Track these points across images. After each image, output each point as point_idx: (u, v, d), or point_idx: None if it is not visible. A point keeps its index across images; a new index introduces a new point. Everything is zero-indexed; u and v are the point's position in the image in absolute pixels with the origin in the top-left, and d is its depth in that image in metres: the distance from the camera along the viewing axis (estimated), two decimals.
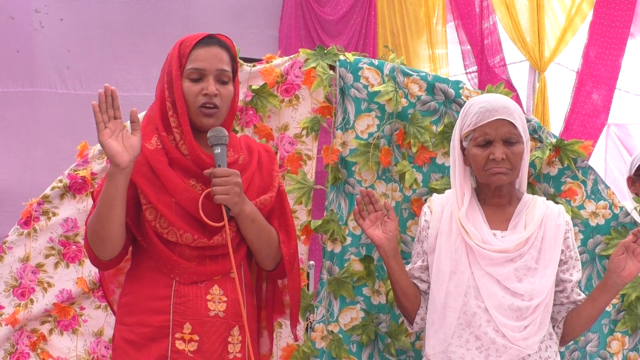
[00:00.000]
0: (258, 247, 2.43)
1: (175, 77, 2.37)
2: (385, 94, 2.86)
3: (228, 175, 2.30)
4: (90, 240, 2.32)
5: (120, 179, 2.22)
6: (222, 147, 2.33)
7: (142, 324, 2.32)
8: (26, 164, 5.34)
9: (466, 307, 2.41)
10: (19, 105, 5.43)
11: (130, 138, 2.23)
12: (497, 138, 2.44)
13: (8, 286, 2.97)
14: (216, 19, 5.47)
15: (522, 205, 2.51)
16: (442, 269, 2.46)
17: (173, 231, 2.32)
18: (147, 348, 2.30)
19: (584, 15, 5.43)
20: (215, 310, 2.34)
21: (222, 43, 2.43)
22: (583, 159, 2.85)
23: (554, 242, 2.45)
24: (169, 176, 2.33)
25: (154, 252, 2.35)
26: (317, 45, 2.99)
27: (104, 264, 2.38)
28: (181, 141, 2.35)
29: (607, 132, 5.76)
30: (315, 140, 2.93)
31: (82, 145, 3.01)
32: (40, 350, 2.95)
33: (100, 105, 2.20)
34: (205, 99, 2.36)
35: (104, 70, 5.50)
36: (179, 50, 2.40)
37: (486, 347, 2.38)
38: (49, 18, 5.53)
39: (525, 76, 5.50)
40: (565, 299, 2.49)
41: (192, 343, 2.31)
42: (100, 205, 2.25)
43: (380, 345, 2.90)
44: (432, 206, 2.58)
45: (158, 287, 2.33)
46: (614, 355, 2.83)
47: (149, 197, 2.32)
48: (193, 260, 2.34)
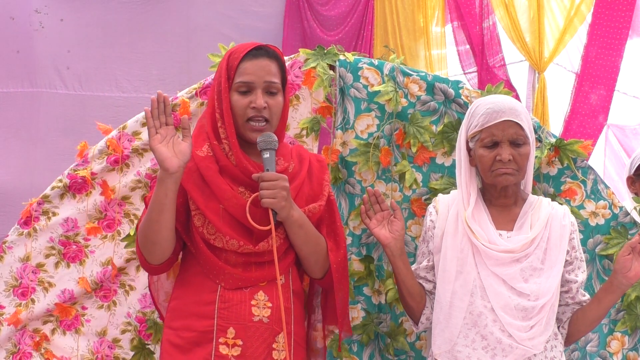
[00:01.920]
0: (306, 254, 2.45)
1: (224, 89, 2.40)
2: (385, 94, 2.86)
3: (276, 180, 2.31)
4: (141, 244, 2.35)
5: (169, 184, 2.25)
6: (270, 151, 2.35)
7: (188, 329, 2.35)
8: (26, 164, 5.33)
9: (472, 307, 2.42)
10: (19, 105, 5.43)
11: (180, 144, 2.27)
12: (504, 139, 2.45)
13: (8, 286, 2.97)
14: (216, 18, 5.47)
15: (528, 206, 2.52)
16: (448, 268, 2.47)
17: (220, 237, 2.35)
18: (192, 352, 2.33)
19: (582, 17, 5.43)
20: (260, 315, 2.35)
21: (271, 53, 2.44)
22: (583, 158, 2.85)
23: (560, 242, 2.46)
24: (218, 183, 2.36)
25: (201, 257, 2.37)
26: (317, 45, 2.99)
27: (153, 268, 2.41)
28: (230, 152, 2.38)
29: (606, 132, 5.77)
30: (316, 140, 2.93)
31: (82, 145, 3.00)
32: (44, 350, 2.95)
33: (153, 111, 2.25)
34: (253, 112, 2.39)
35: (104, 71, 5.50)
36: (227, 62, 2.43)
37: (492, 347, 2.39)
38: (49, 18, 5.53)
39: (524, 76, 5.49)
40: (571, 299, 2.50)
41: (235, 348, 2.32)
42: (150, 210, 2.28)
43: (381, 344, 2.90)
44: (438, 206, 2.59)
45: (204, 292, 2.36)
46: (614, 355, 2.83)
47: (198, 203, 2.35)
48: (239, 266, 2.37)
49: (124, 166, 2.94)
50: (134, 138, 2.94)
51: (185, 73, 5.21)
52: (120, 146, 2.94)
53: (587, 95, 5.43)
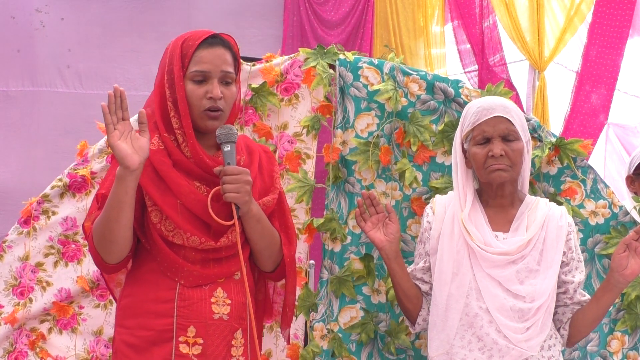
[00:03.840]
0: (261, 247, 2.40)
1: (178, 77, 2.31)
2: (385, 92, 2.86)
3: (238, 174, 2.25)
4: (97, 244, 2.25)
5: (130, 181, 2.16)
6: (231, 144, 2.29)
7: (144, 327, 2.27)
8: (26, 163, 5.34)
9: (468, 309, 2.41)
10: (19, 104, 5.43)
11: (139, 139, 2.18)
12: (495, 135, 2.45)
13: (7, 285, 2.97)
14: (216, 18, 5.47)
15: (525, 207, 2.51)
16: (444, 270, 2.46)
17: (179, 234, 2.28)
18: (148, 352, 2.26)
19: (582, 16, 5.43)
20: (220, 313, 2.30)
21: (226, 43, 2.37)
22: (583, 158, 2.85)
23: (556, 243, 2.45)
24: (174, 178, 2.28)
25: (157, 254, 2.30)
26: (317, 45, 2.99)
27: (110, 267, 2.32)
28: (184, 143, 2.30)
29: (607, 132, 5.76)
30: (315, 139, 2.93)
31: (82, 144, 3.00)
32: (39, 349, 2.95)
33: (110, 107, 2.16)
34: (210, 103, 2.30)
35: (104, 70, 5.50)
36: (181, 49, 2.34)
37: (489, 348, 2.38)
38: (49, 17, 5.53)
39: (525, 75, 5.50)
40: (569, 300, 2.49)
41: (196, 346, 2.27)
42: (109, 208, 2.19)
43: (380, 344, 2.90)
44: (435, 207, 2.58)
45: (160, 289, 2.29)
46: (614, 355, 2.83)
47: (155, 199, 2.27)
48: (197, 263, 2.30)
49: None
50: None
51: None
52: None
53: (587, 94, 5.43)
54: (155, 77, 2.42)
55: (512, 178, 2.48)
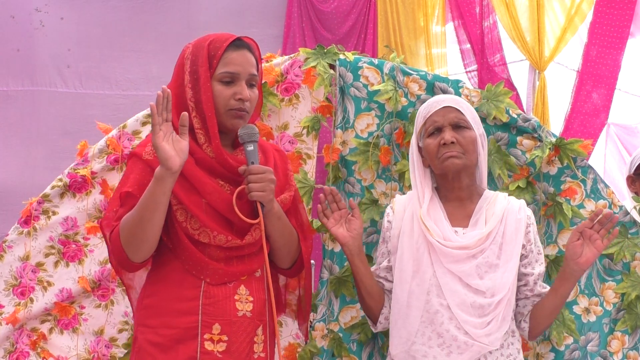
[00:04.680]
0: (281, 244, 2.44)
1: (205, 78, 2.34)
2: (385, 93, 2.86)
3: (263, 172, 2.30)
4: (126, 243, 2.25)
5: (169, 183, 2.19)
6: (254, 144, 2.33)
7: (168, 326, 2.30)
8: (26, 163, 5.34)
9: (429, 305, 2.41)
10: (19, 104, 5.43)
11: (180, 142, 2.20)
12: (446, 123, 2.49)
13: (8, 285, 2.97)
14: (217, 17, 5.47)
15: (483, 201, 2.51)
16: (404, 268, 2.46)
17: (205, 232, 2.31)
18: (173, 350, 2.28)
19: (583, 15, 5.43)
20: (243, 310, 2.33)
21: (250, 46, 2.43)
22: (583, 158, 2.85)
23: (515, 236, 2.45)
24: (199, 177, 2.31)
25: (182, 253, 2.32)
26: (317, 45, 2.99)
27: (134, 266, 2.33)
28: (205, 143, 2.33)
29: (607, 131, 5.76)
30: (315, 140, 2.93)
31: (82, 144, 3.01)
32: (41, 349, 2.95)
33: (158, 107, 2.18)
34: (238, 104, 2.35)
35: (104, 69, 5.50)
36: (207, 51, 2.37)
37: (448, 344, 2.38)
38: (49, 17, 5.53)
39: (525, 75, 5.49)
40: (530, 292, 2.49)
41: (220, 344, 2.30)
42: (143, 208, 2.20)
43: (380, 343, 2.90)
44: (395, 207, 2.59)
45: (185, 288, 2.32)
46: (614, 354, 2.83)
47: (181, 198, 2.30)
48: (221, 261, 2.34)
49: (124, 165, 2.94)
50: (134, 137, 2.94)
51: None
52: (120, 145, 2.94)
53: (587, 94, 5.42)
54: (171, 80, 2.44)
55: (466, 166, 2.49)
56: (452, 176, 2.50)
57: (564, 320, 2.80)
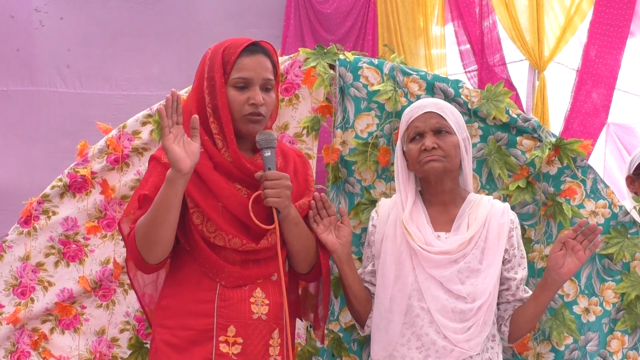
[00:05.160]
0: (298, 250, 2.45)
1: (220, 84, 2.36)
2: (385, 93, 2.86)
3: (279, 179, 2.31)
4: (140, 244, 2.29)
5: (180, 185, 2.22)
6: (271, 150, 2.34)
7: (184, 327, 2.32)
8: (26, 163, 5.34)
9: (410, 309, 2.41)
10: (19, 104, 5.43)
11: (190, 144, 2.22)
12: (427, 129, 2.49)
13: (8, 285, 2.97)
14: (216, 18, 5.47)
15: (466, 205, 2.51)
16: (386, 273, 2.46)
17: (221, 235, 2.33)
18: (189, 352, 2.31)
19: (583, 15, 5.43)
20: (259, 313, 2.35)
21: (266, 50, 2.43)
22: (582, 158, 2.85)
23: (498, 241, 2.45)
24: (215, 180, 2.33)
25: (199, 255, 2.35)
26: (316, 45, 2.99)
27: (150, 267, 2.36)
28: (223, 148, 2.36)
29: (607, 131, 5.76)
30: (316, 140, 2.93)
31: (82, 144, 3.01)
32: (42, 349, 2.95)
33: (167, 110, 2.20)
34: (252, 109, 2.37)
35: (104, 69, 5.51)
36: (222, 57, 2.39)
37: (426, 348, 2.39)
38: (49, 17, 5.54)
39: (524, 75, 5.49)
40: (511, 296, 2.49)
41: (235, 346, 2.32)
42: (156, 210, 2.23)
43: None
44: (379, 210, 2.60)
45: (201, 290, 2.34)
46: (614, 354, 2.83)
47: (197, 201, 2.32)
48: (237, 264, 2.36)
49: (124, 165, 2.94)
50: (134, 137, 2.94)
51: (185, 72, 5.19)
52: (120, 145, 2.94)
53: (587, 93, 5.42)
54: (192, 84, 2.46)
55: (447, 169, 2.48)
56: (434, 180, 2.50)
57: (564, 320, 2.80)
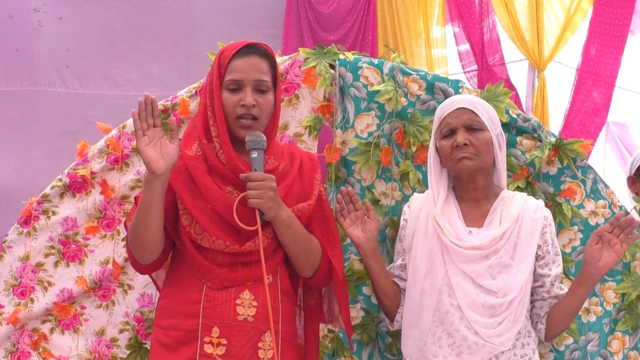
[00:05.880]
0: (295, 253, 2.44)
1: (215, 87, 2.40)
2: (385, 93, 2.86)
3: (263, 180, 2.31)
4: (130, 245, 2.36)
5: (156, 186, 2.25)
6: (258, 151, 2.35)
7: (175, 328, 2.35)
8: (26, 163, 5.33)
9: (440, 305, 2.41)
10: (18, 104, 5.42)
11: (168, 146, 2.26)
12: (459, 125, 2.48)
13: (8, 285, 2.97)
14: (216, 18, 5.46)
15: (499, 201, 2.51)
16: (417, 267, 2.47)
17: (206, 237, 2.34)
18: (178, 351, 2.33)
19: (584, 13, 5.42)
20: (244, 314, 2.35)
21: (262, 52, 2.44)
22: (582, 158, 2.85)
23: (530, 237, 2.44)
24: (206, 182, 2.35)
25: (188, 257, 2.38)
26: (316, 45, 2.99)
27: (143, 268, 2.42)
28: (221, 150, 2.37)
29: (607, 130, 5.76)
30: (316, 140, 2.93)
31: (82, 144, 3.01)
32: (42, 349, 2.95)
33: (140, 114, 2.25)
34: (243, 110, 2.38)
35: (103, 69, 5.49)
36: (219, 61, 2.42)
37: (458, 345, 2.38)
38: (48, 17, 5.52)
39: (524, 75, 5.49)
40: (546, 293, 2.48)
41: (220, 347, 2.32)
42: (138, 211, 2.28)
43: (381, 344, 2.90)
44: (412, 205, 2.60)
45: (190, 291, 2.36)
46: (615, 355, 2.83)
47: (185, 203, 2.35)
48: (225, 266, 2.36)
49: (123, 165, 2.94)
50: (134, 137, 2.94)
51: (185, 72, 5.20)
52: (120, 145, 2.94)
53: (587, 92, 5.42)
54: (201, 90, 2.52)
55: (480, 167, 2.48)
56: (466, 177, 2.49)
57: None
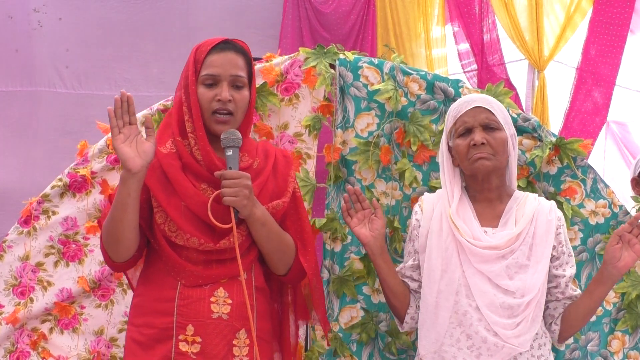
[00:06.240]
0: (268, 251, 2.44)
1: (191, 82, 2.39)
2: (385, 92, 2.86)
3: (238, 178, 2.30)
4: (105, 242, 2.35)
5: (132, 184, 2.24)
6: (234, 149, 2.34)
7: (149, 325, 2.34)
8: (26, 163, 5.33)
9: (457, 306, 2.40)
10: (18, 104, 5.42)
11: (144, 143, 2.25)
12: (476, 124, 2.47)
13: (8, 285, 2.97)
14: (216, 18, 5.46)
15: (513, 202, 2.50)
16: (433, 268, 2.45)
17: (181, 235, 2.34)
18: (152, 349, 2.33)
19: (584, 12, 5.42)
20: (219, 312, 2.34)
21: (238, 48, 2.44)
22: (582, 157, 2.85)
23: (546, 237, 2.44)
24: (180, 180, 2.34)
25: (162, 254, 2.37)
26: (317, 44, 2.99)
27: (118, 266, 2.41)
28: (195, 146, 2.36)
29: (607, 129, 5.76)
30: (316, 139, 2.93)
31: (82, 144, 3.01)
32: (41, 349, 2.95)
33: (116, 111, 2.25)
34: (218, 105, 2.37)
35: (103, 70, 5.49)
36: (194, 56, 2.42)
37: (477, 347, 2.37)
38: (47, 17, 5.52)
39: (524, 75, 5.49)
40: (561, 294, 2.47)
41: (195, 345, 2.32)
42: (114, 209, 2.27)
43: (380, 344, 2.90)
44: (423, 205, 2.58)
45: (164, 289, 2.36)
46: (615, 354, 2.83)
47: (160, 200, 2.34)
48: (200, 264, 2.36)
49: None
50: None
51: None
52: None
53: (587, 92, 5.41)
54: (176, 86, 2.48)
55: (496, 167, 2.47)
56: (482, 177, 2.49)
57: None
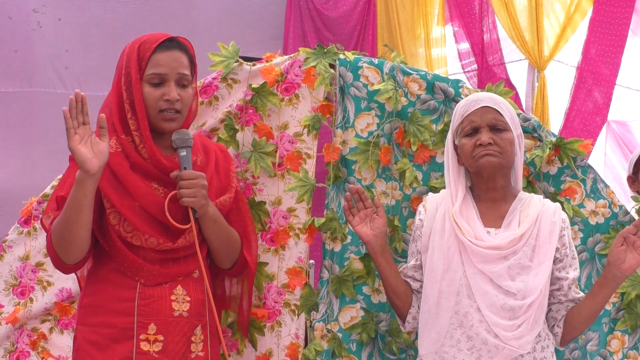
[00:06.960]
0: (217, 247, 2.47)
1: (135, 80, 2.37)
2: (385, 92, 2.86)
3: (195, 178, 2.32)
4: (56, 244, 2.31)
5: (89, 185, 2.22)
6: (187, 149, 2.35)
7: (106, 325, 2.34)
8: (26, 164, 5.34)
9: (458, 307, 2.39)
10: (17, 105, 5.43)
11: (99, 144, 2.22)
12: (483, 124, 2.46)
13: (8, 285, 2.97)
14: (215, 18, 5.47)
15: (517, 203, 2.49)
16: (434, 267, 2.45)
17: (138, 235, 2.34)
18: (110, 349, 2.32)
19: (584, 12, 5.42)
20: (180, 310, 2.37)
21: (182, 46, 2.44)
22: (582, 157, 2.85)
23: (549, 239, 2.42)
24: (131, 180, 2.34)
25: (117, 255, 2.36)
26: (317, 44, 2.99)
27: (68, 267, 2.38)
28: (141, 144, 2.36)
29: (607, 129, 5.76)
30: (315, 139, 2.93)
31: None
32: (41, 349, 2.95)
33: (71, 111, 2.20)
34: (167, 105, 2.38)
35: (102, 70, 5.48)
36: (138, 53, 2.40)
37: (478, 348, 2.36)
38: (47, 18, 5.53)
39: (524, 75, 5.50)
40: (564, 297, 2.46)
41: (157, 343, 2.33)
42: (68, 210, 2.25)
43: (380, 344, 2.90)
44: (427, 205, 2.58)
45: (122, 289, 2.35)
46: (614, 354, 2.83)
47: (113, 202, 2.33)
48: (156, 262, 2.37)
49: None
50: None
51: None
52: None
53: (587, 91, 5.42)
54: (113, 79, 2.45)
55: (502, 165, 2.47)
56: (487, 175, 2.48)
57: None
